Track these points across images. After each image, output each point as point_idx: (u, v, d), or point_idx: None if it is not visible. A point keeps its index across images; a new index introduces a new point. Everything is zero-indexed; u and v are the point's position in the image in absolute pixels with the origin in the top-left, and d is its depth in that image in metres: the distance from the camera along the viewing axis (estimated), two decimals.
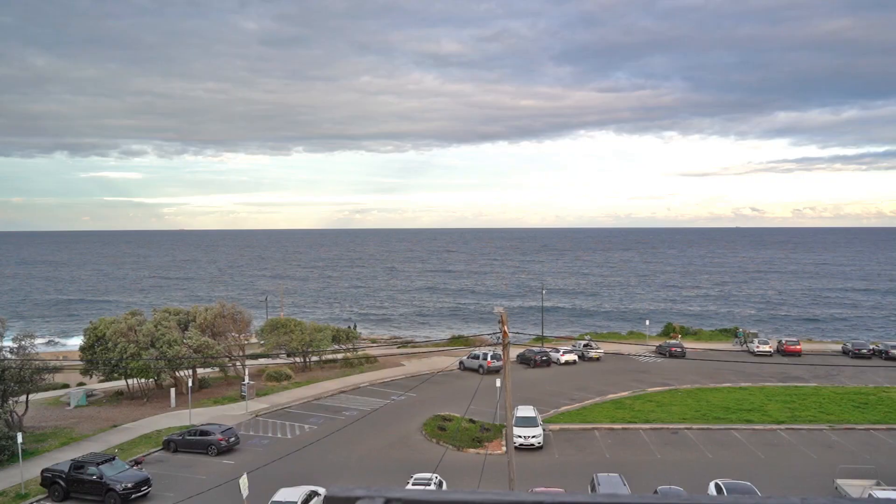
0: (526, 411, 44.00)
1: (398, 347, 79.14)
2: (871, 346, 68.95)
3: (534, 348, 68.72)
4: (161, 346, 53.02)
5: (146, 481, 35.14)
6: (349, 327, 76.29)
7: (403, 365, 66.05)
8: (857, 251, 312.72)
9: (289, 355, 64.96)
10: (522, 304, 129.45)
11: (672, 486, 33.04)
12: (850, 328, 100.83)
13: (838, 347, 72.67)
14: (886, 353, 66.89)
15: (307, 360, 65.43)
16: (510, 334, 28.85)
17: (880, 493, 29.48)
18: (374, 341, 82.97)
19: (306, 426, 46.50)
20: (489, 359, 61.47)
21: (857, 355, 67.30)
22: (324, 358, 66.55)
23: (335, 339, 67.73)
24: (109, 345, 52.64)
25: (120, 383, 57.01)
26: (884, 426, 45.11)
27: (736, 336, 76.62)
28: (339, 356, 67.47)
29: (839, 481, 33.07)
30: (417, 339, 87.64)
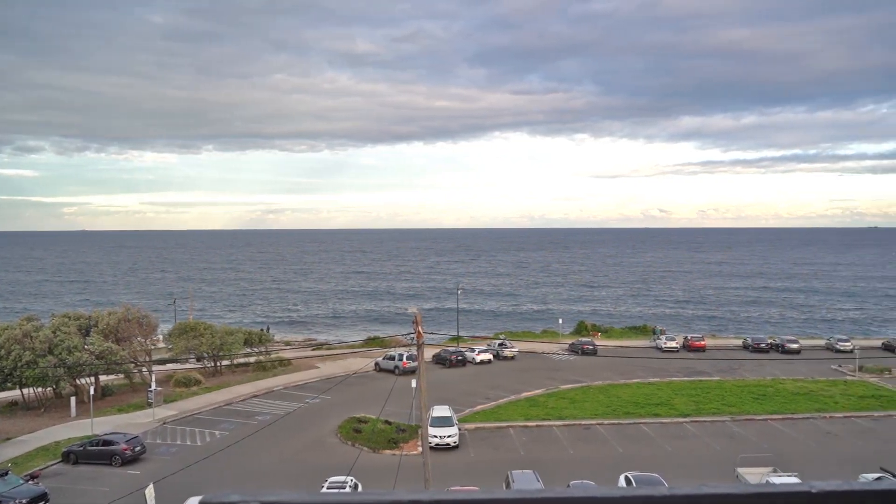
0: (441, 411, 44.08)
1: (312, 350, 77.95)
2: (768, 341, 72.54)
3: (449, 348, 69.01)
4: (60, 353, 50.35)
5: (43, 496, 33.28)
6: (262, 330, 74.62)
7: (318, 367, 65.11)
8: (756, 251, 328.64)
9: (198, 360, 62.96)
10: (438, 304, 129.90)
11: (584, 481, 33.70)
12: (750, 324, 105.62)
13: (739, 342, 76.05)
14: (783, 346, 70.51)
15: (218, 364, 63.60)
16: (425, 335, 28.80)
17: (776, 480, 30.92)
18: (287, 344, 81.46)
19: (217, 432, 45.15)
20: (405, 359, 61.30)
21: (757, 349, 70.64)
22: (235, 362, 64.85)
23: (247, 342, 66.12)
24: (2, 352, 49.54)
25: (14, 393, 53.77)
26: (780, 416, 47.44)
27: (654, 333, 79.03)
28: (252, 360, 65.92)
29: (739, 469, 34.51)
30: (332, 342, 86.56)
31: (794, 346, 70.46)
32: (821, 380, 57.77)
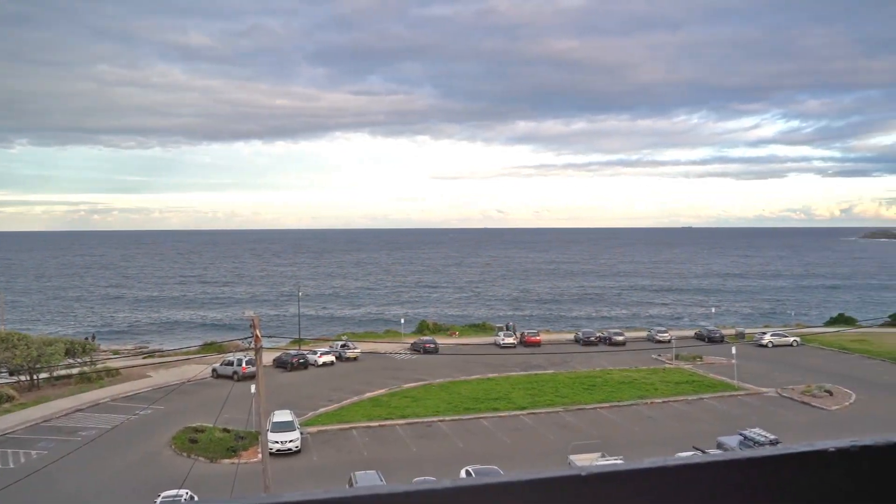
0: (282, 416, 43.22)
1: (143, 358, 73.66)
2: (597, 334, 77.28)
3: (291, 351, 67.68)
4: None
5: None
6: (86, 339, 69.54)
7: (150, 376, 61.64)
8: (586, 250, 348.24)
9: (11, 373, 57.62)
10: (278, 307, 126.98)
11: (427, 478, 34.25)
12: (581, 319, 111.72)
13: (571, 336, 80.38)
14: (610, 339, 75.35)
15: (35, 377, 58.51)
16: (265, 339, 28.14)
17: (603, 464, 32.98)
18: (116, 353, 76.42)
19: (33, 452, 41.56)
20: (244, 364, 59.38)
21: (587, 343, 74.99)
22: (56, 374, 59.92)
23: (69, 352, 61.26)
24: None
25: None
26: (607, 404, 50.65)
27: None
28: (75, 371, 61.21)
29: (571, 456, 36.48)
30: (166, 348, 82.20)
31: (620, 338, 75.49)
32: (643, 369, 62.25)
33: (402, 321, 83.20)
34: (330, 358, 66.01)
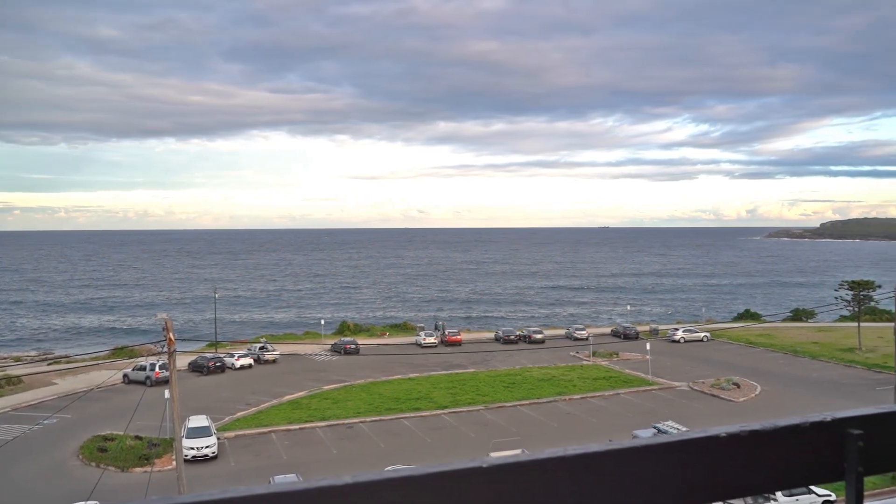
0: (198, 421, 42.04)
1: (48, 364, 70.24)
2: (517, 333, 78.31)
3: (207, 354, 65.88)
4: None
5: None
6: None
7: (56, 384, 58.83)
8: (506, 250, 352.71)
9: None
10: (194, 309, 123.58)
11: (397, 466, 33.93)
12: (501, 318, 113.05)
13: (491, 335, 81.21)
14: (529, 337, 76.44)
15: None
16: (180, 342, 27.27)
17: None
18: (17, 360, 72.70)
19: None
20: (157, 369, 57.46)
21: (507, 341, 75.88)
22: None
23: None
24: None
25: None
26: (527, 401, 51.40)
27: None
28: None
29: (492, 454, 36.80)
30: (74, 354, 78.68)
31: (539, 336, 76.73)
32: (561, 366, 63.46)
33: (323, 322, 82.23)
34: (248, 361, 64.62)
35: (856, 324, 71.64)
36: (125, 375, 59.19)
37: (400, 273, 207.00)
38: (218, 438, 41.45)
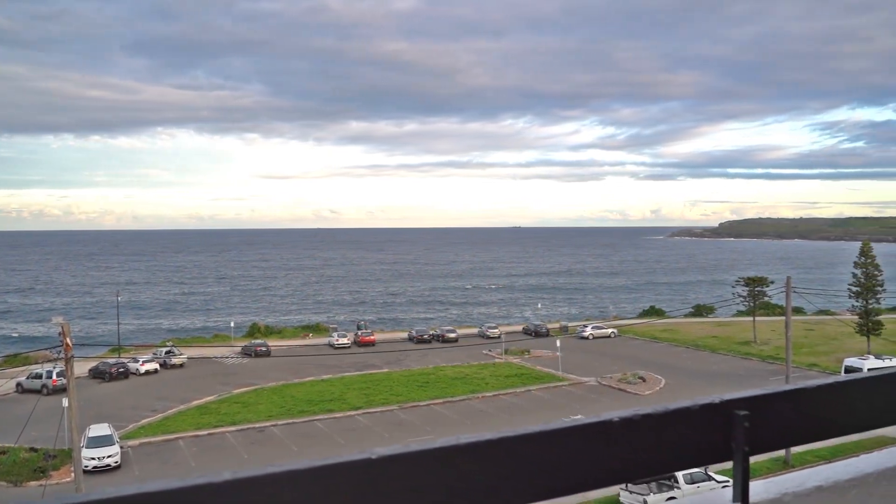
0: (99, 430, 40.30)
1: None
2: (430, 332, 78.65)
3: (109, 360, 63.23)
4: None
5: None
6: None
7: None
8: (420, 250, 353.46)
9: None
10: (95, 313, 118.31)
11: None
12: (415, 317, 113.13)
13: (405, 335, 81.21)
14: (442, 336, 76.87)
15: None
16: (77, 347, 26.08)
17: None
18: None
19: None
20: (54, 377, 54.69)
21: (420, 341, 75.99)
22: None
23: None
24: None
25: None
26: (441, 400, 51.68)
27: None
28: None
29: None
30: None
31: (453, 335, 77.24)
32: (475, 364, 64.10)
33: (232, 325, 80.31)
34: (153, 365, 62.39)
35: (751, 318, 75.48)
36: (19, 384, 56.12)
37: (312, 274, 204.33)
38: (121, 447, 39.86)
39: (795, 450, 36.92)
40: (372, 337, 76.10)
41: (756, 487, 1.73)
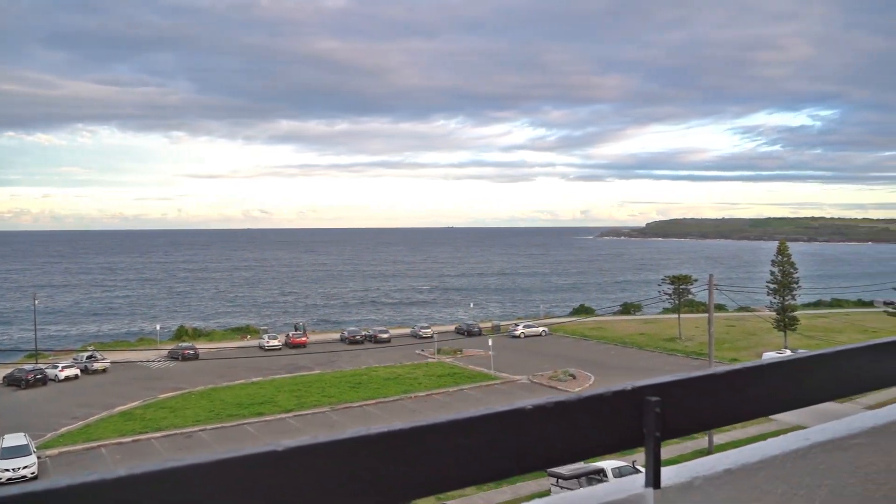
0: (14, 440, 38.58)
1: None
2: (363, 333, 78.22)
3: (25, 366, 60.55)
4: None
5: None
6: None
7: None
8: (354, 250, 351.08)
9: None
10: (10, 318, 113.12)
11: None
12: (346, 318, 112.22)
13: (337, 336, 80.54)
14: (375, 337, 76.56)
15: None
16: None
17: None
18: None
19: None
20: None
21: (353, 341, 75.52)
22: None
23: None
24: None
25: None
26: (373, 401, 51.42)
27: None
28: None
29: None
30: None
31: (385, 335, 77.00)
32: (407, 364, 64.02)
33: (158, 328, 78.08)
34: (74, 371, 60.07)
35: (676, 315, 77.72)
36: None
37: (242, 275, 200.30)
38: (38, 457, 38.24)
39: (718, 441, 38.22)
40: (304, 338, 75.18)
41: (668, 472, 1.77)
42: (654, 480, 1.70)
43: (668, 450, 1.89)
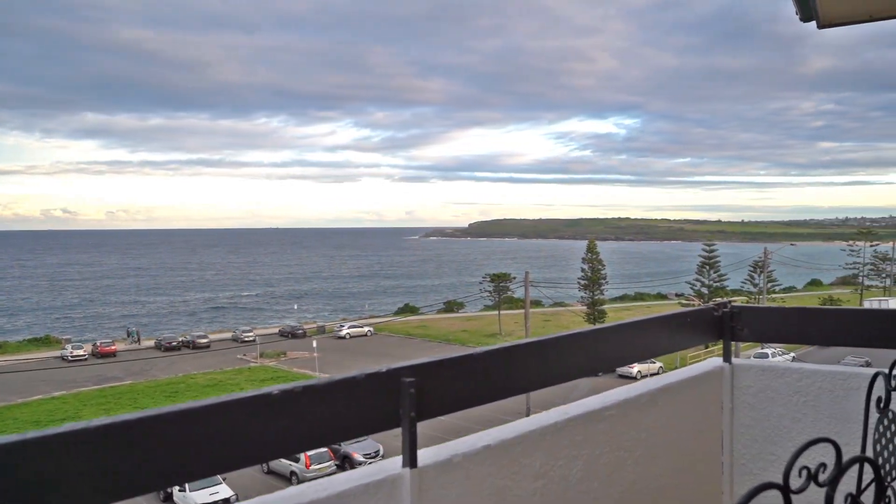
0: None
1: None
2: (179, 339, 74.39)
3: None
4: None
5: None
6: None
7: None
8: (170, 252, 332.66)
9: None
10: None
11: None
12: (164, 325, 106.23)
13: (151, 343, 75.99)
14: (193, 342, 73.12)
15: None
16: None
17: None
18: None
19: None
20: None
21: (168, 348, 71.65)
22: None
23: None
24: None
25: None
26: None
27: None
28: None
29: None
30: None
31: (204, 341, 73.76)
32: (228, 369, 61.73)
33: None
34: None
35: (497, 312, 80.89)
36: None
37: (42, 281, 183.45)
38: None
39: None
40: (112, 347, 70.21)
41: (428, 452, 1.83)
42: (410, 461, 1.74)
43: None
